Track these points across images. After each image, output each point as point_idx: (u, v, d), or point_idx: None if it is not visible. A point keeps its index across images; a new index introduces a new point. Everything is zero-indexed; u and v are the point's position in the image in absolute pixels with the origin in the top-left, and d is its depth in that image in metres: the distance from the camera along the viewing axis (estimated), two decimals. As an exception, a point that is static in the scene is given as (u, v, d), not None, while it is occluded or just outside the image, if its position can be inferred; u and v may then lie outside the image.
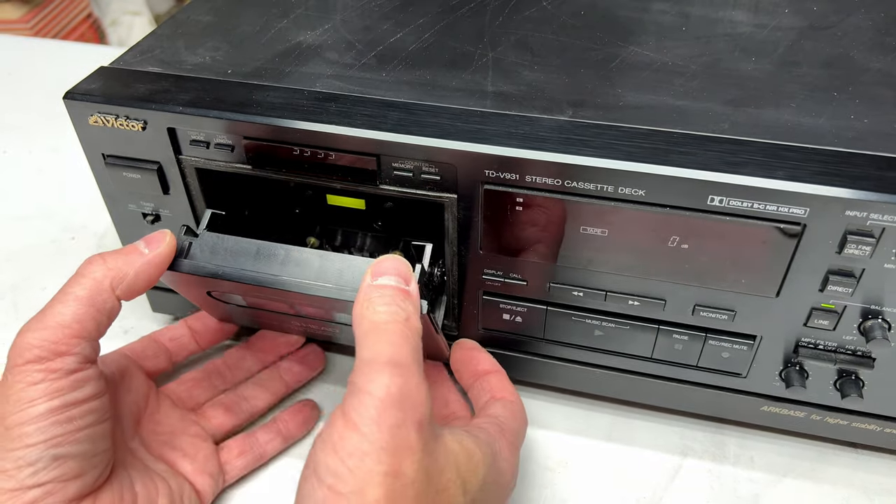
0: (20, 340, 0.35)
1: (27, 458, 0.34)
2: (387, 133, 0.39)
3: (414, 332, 0.33)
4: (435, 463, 0.32)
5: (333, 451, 0.30)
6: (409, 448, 0.31)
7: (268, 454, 0.46)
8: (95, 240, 0.65)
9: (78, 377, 0.35)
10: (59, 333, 0.35)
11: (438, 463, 0.32)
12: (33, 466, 0.34)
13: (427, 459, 0.31)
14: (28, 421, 0.34)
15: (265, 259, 0.40)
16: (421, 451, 0.31)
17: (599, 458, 0.47)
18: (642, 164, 0.36)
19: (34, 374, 0.34)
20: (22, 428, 0.34)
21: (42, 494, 0.34)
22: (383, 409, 0.30)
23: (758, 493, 0.45)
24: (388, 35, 0.48)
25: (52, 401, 0.34)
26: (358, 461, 0.30)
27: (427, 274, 0.41)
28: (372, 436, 0.30)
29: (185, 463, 0.43)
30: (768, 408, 0.45)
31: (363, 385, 0.31)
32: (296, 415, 0.48)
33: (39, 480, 0.34)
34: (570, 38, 0.48)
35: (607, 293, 0.42)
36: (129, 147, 0.44)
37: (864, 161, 0.36)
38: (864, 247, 0.36)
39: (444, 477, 0.33)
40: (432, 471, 0.32)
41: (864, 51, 0.46)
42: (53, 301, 0.36)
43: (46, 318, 0.35)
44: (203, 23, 0.51)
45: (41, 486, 0.34)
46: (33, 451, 0.34)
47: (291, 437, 0.47)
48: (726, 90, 0.42)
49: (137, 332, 0.56)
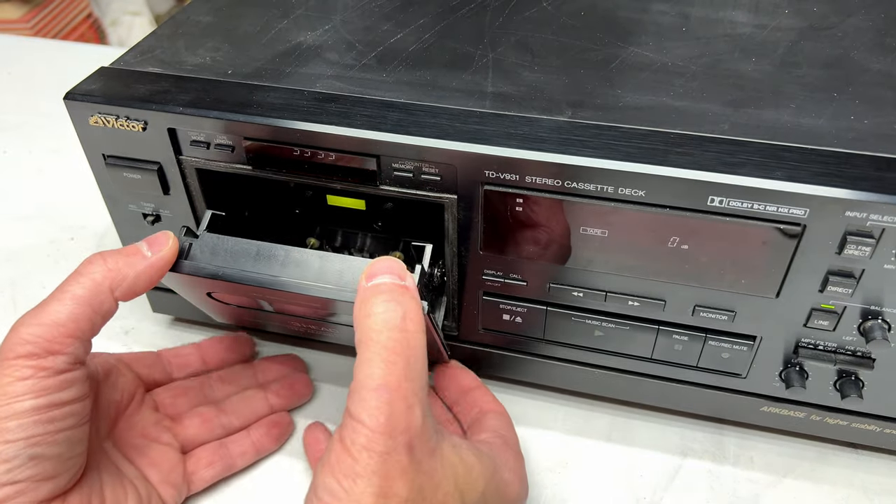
0: (13, 335, 0.35)
1: (4, 454, 0.33)
2: (387, 133, 0.39)
3: (412, 334, 0.34)
4: (430, 480, 0.33)
5: (331, 472, 0.32)
6: (400, 470, 0.32)
7: (237, 466, 0.46)
8: (95, 240, 0.65)
9: (66, 377, 0.35)
10: (53, 331, 0.35)
11: (434, 479, 0.33)
12: (9, 463, 0.33)
13: (421, 478, 0.32)
14: (11, 416, 0.33)
15: (265, 260, 0.40)
16: (413, 471, 0.32)
17: (599, 459, 0.47)
18: (642, 165, 0.36)
19: (24, 370, 0.34)
20: (4, 423, 0.33)
21: (14, 493, 0.34)
22: (373, 438, 0.31)
23: (757, 494, 0.45)
24: (388, 36, 0.48)
25: (38, 399, 0.34)
26: (351, 482, 0.31)
27: (427, 274, 0.41)
28: (363, 461, 0.31)
29: (153, 471, 0.42)
30: (768, 408, 0.45)
31: (355, 412, 0.32)
32: (271, 428, 0.47)
33: (14, 478, 0.34)
34: (570, 39, 0.48)
35: (607, 293, 0.42)
36: (130, 147, 0.44)
37: (864, 162, 0.36)
38: (864, 247, 0.36)
39: (441, 492, 0.33)
40: (427, 487, 0.33)
41: (864, 51, 0.46)
42: (51, 298, 0.36)
43: (42, 314, 0.35)
44: (203, 23, 0.51)
45: (14, 484, 0.34)
46: (11, 447, 0.33)
47: (264, 451, 0.47)
48: (726, 91, 0.42)
49: (137, 332, 0.56)
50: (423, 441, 0.33)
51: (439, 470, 0.34)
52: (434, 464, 0.33)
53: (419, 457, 0.32)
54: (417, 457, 0.32)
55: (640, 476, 0.46)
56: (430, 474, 0.33)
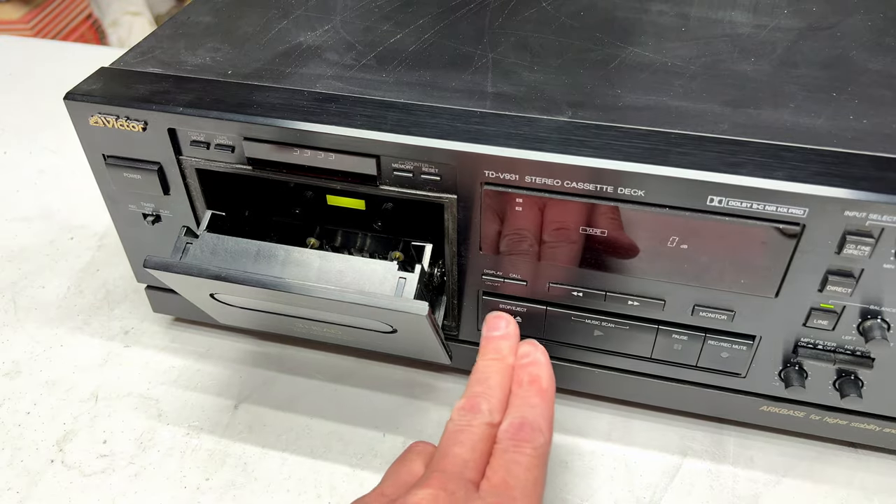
0: None
1: None
2: (387, 134, 0.39)
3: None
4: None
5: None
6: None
7: None
8: (95, 240, 0.65)
9: None
10: None
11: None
12: None
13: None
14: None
15: (265, 260, 0.40)
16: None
17: (599, 459, 0.47)
18: (641, 165, 0.36)
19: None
20: None
21: None
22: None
23: (757, 493, 0.45)
24: (388, 36, 0.48)
25: None
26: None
27: (427, 274, 0.41)
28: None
29: None
30: (768, 408, 0.45)
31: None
32: None
33: None
34: (570, 39, 0.48)
35: (607, 293, 0.42)
36: (130, 148, 0.44)
37: (864, 161, 0.36)
38: (863, 247, 0.36)
39: None
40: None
41: (864, 51, 0.46)
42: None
43: None
44: (203, 23, 0.51)
45: None
46: None
47: None
48: (725, 91, 0.42)
49: (137, 332, 0.56)
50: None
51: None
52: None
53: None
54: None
55: (639, 476, 0.46)
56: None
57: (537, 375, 0.38)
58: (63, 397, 0.51)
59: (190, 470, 0.47)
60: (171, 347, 0.55)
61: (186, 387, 0.52)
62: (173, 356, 0.55)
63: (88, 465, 0.47)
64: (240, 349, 0.55)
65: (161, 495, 0.45)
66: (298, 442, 0.48)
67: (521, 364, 0.39)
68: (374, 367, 0.53)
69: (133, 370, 0.53)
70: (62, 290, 0.59)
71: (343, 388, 0.52)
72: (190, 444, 0.48)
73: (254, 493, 0.46)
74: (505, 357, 0.39)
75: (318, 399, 0.51)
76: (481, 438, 0.35)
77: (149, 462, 0.47)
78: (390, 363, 0.54)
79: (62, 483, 0.46)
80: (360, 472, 0.47)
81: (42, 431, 0.49)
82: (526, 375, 0.38)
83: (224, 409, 0.51)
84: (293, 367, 0.54)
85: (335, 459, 0.47)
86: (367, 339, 0.46)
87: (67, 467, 0.47)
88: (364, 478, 0.46)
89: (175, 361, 0.54)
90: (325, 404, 0.51)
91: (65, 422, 0.50)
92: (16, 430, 0.49)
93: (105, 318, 0.57)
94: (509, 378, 0.39)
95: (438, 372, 0.53)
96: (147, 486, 0.46)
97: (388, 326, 0.41)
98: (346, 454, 0.48)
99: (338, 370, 0.53)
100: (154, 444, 0.48)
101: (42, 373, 0.53)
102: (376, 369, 0.53)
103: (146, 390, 0.52)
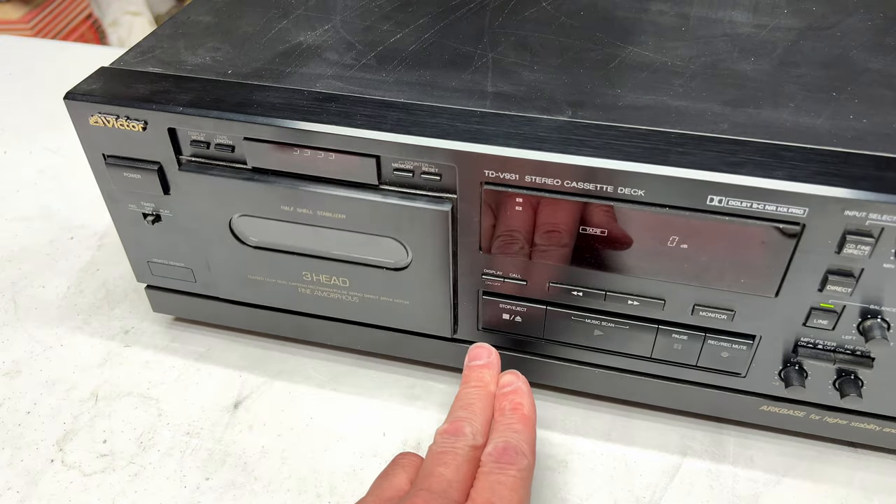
0: None
1: None
2: (387, 133, 0.39)
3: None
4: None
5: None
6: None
7: None
8: (95, 240, 0.65)
9: None
10: None
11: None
12: None
13: None
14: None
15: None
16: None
17: (599, 458, 0.47)
18: (641, 165, 0.36)
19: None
20: None
21: None
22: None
23: (757, 493, 0.45)
24: (387, 35, 0.48)
25: None
26: None
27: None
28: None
29: None
30: (768, 407, 0.45)
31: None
32: None
33: None
34: (570, 39, 0.48)
35: (607, 293, 0.42)
36: (130, 147, 0.44)
37: (863, 161, 0.36)
38: (863, 246, 0.36)
39: None
40: None
41: (864, 51, 0.46)
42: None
43: None
44: (203, 23, 0.51)
45: None
46: None
47: None
48: (725, 90, 0.42)
49: (138, 332, 0.56)
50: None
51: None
52: None
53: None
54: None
55: (639, 475, 0.46)
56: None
57: (519, 403, 0.40)
58: (63, 397, 0.52)
59: (190, 470, 0.47)
60: (171, 347, 0.55)
61: (186, 386, 0.52)
62: (173, 356, 0.55)
63: (88, 465, 0.47)
64: (240, 349, 0.55)
65: (161, 495, 0.45)
66: (298, 442, 0.48)
67: (504, 393, 0.40)
68: (374, 366, 0.53)
69: (133, 370, 0.53)
70: (62, 290, 0.59)
71: (343, 388, 0.52)
72: (190, 444, 0.48)
73: (254, 493, 0.46)
74: (487, 384, 0.41)
75: (318, 399, 0.51)
76: (465, 460, 0.36)
77: (149, 462, 0.47)
78: (390, 363, 0.54)
79: (62, 483, 0.46)
80: (360, 472, 0.47)
81: (42, 431, 0.49)
82: (508, 403, 0.40)
83: (224, 408, 0.51)
84: (293, 367, 0.54)
85: (335, 459, 0.47)
86: (373, 291, 0.46)
87: (67, 467, 0.47)
88: (364, 478, 0.46)
89: (175, 361, 0.54)
90: (324, 404, 0.51)
91: (65, 421, 0.50)
92: (16, 430, 0.49)
93: (105, 317, 0.58)
94: (491, 405, 0.40)
95: (438, 372, 0.53)
96: (147, 486, 0.46)
97: (402, 252, 0.41)
98: (346, 454, 0.48)
99: (338, 370, 0.53)
100: (154, 444, 0.48)
101: (42, 372, 0.53)
102: (376, 369, 0.53)
103: (146, 390, 0.52)
